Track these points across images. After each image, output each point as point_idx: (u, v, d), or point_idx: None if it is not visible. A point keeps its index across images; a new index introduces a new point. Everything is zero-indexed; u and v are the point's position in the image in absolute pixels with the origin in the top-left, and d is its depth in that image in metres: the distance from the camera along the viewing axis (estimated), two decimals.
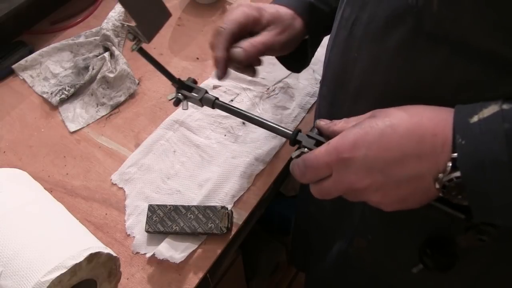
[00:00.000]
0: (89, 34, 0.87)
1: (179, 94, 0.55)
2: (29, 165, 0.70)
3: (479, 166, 0.32)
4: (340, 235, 0.63)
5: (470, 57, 0.35)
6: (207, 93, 0.54)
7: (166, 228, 0.59)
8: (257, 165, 0.67)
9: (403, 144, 0.35)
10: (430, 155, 0.34)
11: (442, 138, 0.34)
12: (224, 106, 0.53)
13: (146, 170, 0.68)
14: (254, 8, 0.53)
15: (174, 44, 0.86)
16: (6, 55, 0.83)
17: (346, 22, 0.45)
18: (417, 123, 0.35)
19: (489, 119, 0.32)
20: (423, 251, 0.47)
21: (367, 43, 0.42)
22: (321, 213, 0.66)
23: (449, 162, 0.33)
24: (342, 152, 0.38)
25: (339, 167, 0.38)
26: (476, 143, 0.32)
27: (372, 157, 0.36)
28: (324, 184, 0.41)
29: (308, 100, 0.75)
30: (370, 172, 0.37)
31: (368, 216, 0.54)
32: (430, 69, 0.38)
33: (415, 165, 0.35)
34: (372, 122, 0.37)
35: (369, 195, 0.39)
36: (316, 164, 0.40)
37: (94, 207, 0.66)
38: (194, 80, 0.56)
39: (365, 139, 0.37)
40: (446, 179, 0.34)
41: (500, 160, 0.31)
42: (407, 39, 0.38)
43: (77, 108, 0.77)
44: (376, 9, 0.40)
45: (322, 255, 0.71)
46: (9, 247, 0.48)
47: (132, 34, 0.50)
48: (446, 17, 0.34)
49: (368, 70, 0.43)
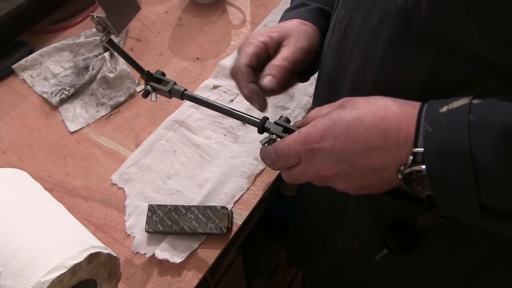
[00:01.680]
0: (89, 34, 0.87)
1: (148, 86, 0.56)
2: (29, 165, 0.70)
3: (442, 153, 0.32)
4: (335, 235, 0.63)
5: (459, 59, 0.35)
6: (175, 84, 0.55)
7: (166, 228, 0.59)
8: (257, 165, 0.67)
9: (368, 137, 0.37)
10: (393, 149, 0.36)
11: (405, 133, 0.35)
12: (193, 97, 0.54)
13: (146, 170, 0.68)
14: (259, 35, 0.52)
15: (174, 44, 0.86)
16: (6, 55, 0.83)
17: (340, 23, 0.45)
18: (383, 117, 0.36)
19: (457, 110, 0.33)
20: (386, 235, 0.49)
21: (359, 45, 0.43)
22: (316, 212, 0.67)
23: (410, 156, 0.35)
24: (311, 143, 0.40)
25: (307, 156, 0.40)
26: (441, 131, 0.33)
27: (339, 148, 0.38)
28: (294, 170, 0.43)
29: (308, 100, 0.75)
30: (337, 161, 0.39)
31: (360, 217, 0.54)
32: (418, 70, 0.38)
33: (379, 157, 0.37)
34: (341, 113, 0.39)
35: (335, 182, 0.41)
36: (288, 153, 0.42)
37: (94, 207, 0.66)
38: (162, 73, 0.57)
39: (333, 130, 0.38)
40: (407, 172, 0.35)
41: (461, 149, 0.32)
42: (395, 41, 0.38)
43: (77, 108, 0.77)
44: (370, 10, 0.40)
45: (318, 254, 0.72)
46: (9, 247, 0.48)
47: (101, 26, 0.50)
48: (434, 19, 0.35)
49: (360, 72, 0.44)
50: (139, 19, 0.91)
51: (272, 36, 0.51)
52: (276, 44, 0.52)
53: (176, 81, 0.56)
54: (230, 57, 0.81)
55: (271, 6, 0.90)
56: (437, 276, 0.52)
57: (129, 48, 0.86)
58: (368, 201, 0.51)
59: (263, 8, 0.90)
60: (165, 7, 0.93)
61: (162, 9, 0.93)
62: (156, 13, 0.92)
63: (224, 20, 0.89)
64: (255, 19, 0.88)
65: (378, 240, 0.51)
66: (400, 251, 0.48)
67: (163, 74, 0.57)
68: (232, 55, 0.82)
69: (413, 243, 0.48)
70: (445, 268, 0.50)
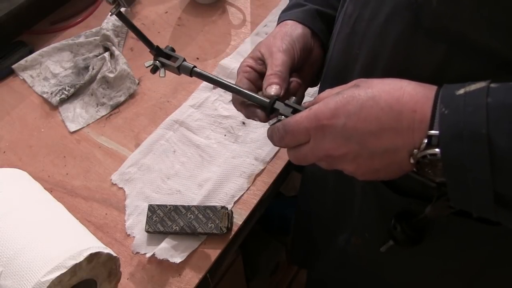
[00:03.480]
0: (89, 34, 0.87)
1: (156, 62, 0.54)
2: (29, 165, 0.70)
3: (458, 136, 0.32)
4: (340, 233, 0.63)
5: (469, 54, 0.35)
6: (185, 61, 0.54)
7: (166, 228, 0.59)
8: (257, 165, 0.67)
9: (382, 117, 0.36)
10: (406, 131, 0.35)
11: (420, 115, 0.34)
12: (202, 74, 0.53)
13: (146, 170, 0.68)
14: (244, 62, 0.52)
15: (174, 44, 0.85)
16: (6, 55, 0.83)
17: (349, 19, 0.45)
18: (398, 97, 0.35)
19: (474, 93, 0.32)
20: (393, 226, 0.48)
21: (368, 40, 0.42)
22: (322, 209, 0.66)
23: (424, 139, 0.34)
24: (322, 119, 0.38)
25: (317, 134, 0.39)
26: (458, 113, 0.32)
27: (351, 127, 0.37)
28: (301, 149, 0.41)
29: (308, 100, 0.75)
30: (347, 141, 0.38)
31: (365, 214, 0.54)
32: (428, 65, 0.38)
33: (391, 139, 0.36)
34: (355, 91, 0.38)
35: (344, 164, 0.39)
36: (297, 129, 0.40)
37: (94, 207, 0.66)
38: (172, 48, 0.56)
39: (346, 108, 0.37)
40: (420, 155, 0.34)
41: (478, 132, 0.31)
42: (406, 35, 0.38)
43: (77, 108, 0.77)
44: (379, 5, 0.40)
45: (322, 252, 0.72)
46: (9, 247, 0.48)
47: None
48: (445, 14, 0.34)
49: (368, 67, 0.43)
50: (139, 19, 0.91)
51: (253, 56, 0.52)
52: (261, 60, 0.51)
53: (176, 81, 0.55)
54: (230, 57, 0.81)
55: (271, 6, 0.90)
56: (442, 275, 0.51)
57: (129, 48, 0.86)
58: (374, 197, 0.51)
59: (263, 8, 0.90)
60: (165, 7, 0.93)
61: (162, 9, 0.92)
62: (156, 13, 0.92)
63: (224, 20, 0.89)
64: (255, 19, 0.88)
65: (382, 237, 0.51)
66: (406, 243, 0.47)
67: (173, 49, 0.56)
68: (232, 55, 0.82)
69: (419, 235, 0.47)
70: (450, 267, 0.50)
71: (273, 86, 0.48)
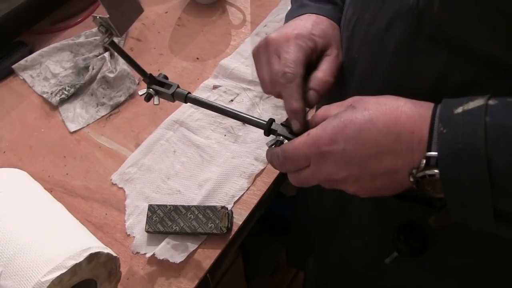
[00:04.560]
0: (89, 34, 0.87)
1: (150, 90, 0.55)
2: (29, 165, 0.70)
3: (457, 155, 0.32)
4: (339, 236, 0.63)
5: (470, 60, 0.35)
6: (179, 87, 0.54)
7: (166, 228, 0.59)
8: (257, 165, 0.67)
9: (380, 140, 0.36)
10: (406, 152, 0.35)
11: (418, 136, 0.34)
12: (197, 100, 0.53)
13: (146, 170, 0.68)
14: (306, 37, 0.46)
15: (174, 44, 0.86)
16: (6, 55, 0.83)
17: (349, 22, 0.45)
18: (395, 119, 0.35)
19: (473, 111, 0.32)
20: (396, 238, 0.48)
21: (367, 44, 0.42)
22: (320, 212, 0.66)
23: (423, 160, 0.34)
24: (321, 146, 0.38)
25: (317, 160, 0.39)
26: (457, 133, 0.32)
27: (350, 151, 0.37)
28: (302, 173, 0.42)
29: None
30: (348, 165, 0.38)
31: (365, 217, 0.54)
32: (429, 71, 0.38)
33: (391, 160, 0.36)
34: (352, 115, 0.37)
35: (346, 186, 0.40)
36: (296, 156, 0.41)
37: (94, 207, 0.65)
38: (165, 76, 0.56)
39: (344, 133, 0.37)
40: (419, 175, 0.34)
41: (477, 152, 0.31)
42: (406, 40, 0.38)
43: (77, 108, 0.77)
44: (378, 10, 0.40)
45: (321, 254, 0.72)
46: (9, 247, 0.48)
47: (104, 27, 0.50)
48: (447, 20, 0.34)
49: (367, 72, 0.43)
50: (139, 19, 0.90)
51: (317, 42, 0.47)
52: (320, 51, 0.48)
53: (176, 81, 0.55)
54: (230, 57, 0.81)
55: (271, 6, 0.90)
56: (441, 279, 0.51)
57: (129, 48, 0.86)
58: (373, 201, 0.51)
59: (263, 8, 0.90)
60: (165, 7, 0.93)
61: (162, 9, 0.92)
62: (156, 13, 0.92)
63: (224, 20, 0.89)
64: (255, 19, 0.88)
65: (382, 241, 0.51)
66: (410, 254, 0.47)
67: (166, 77, 0.56)
68: (232, 55, 0.82)
69: (423, 245, 0.47)
70: (449, 271, 0.50)
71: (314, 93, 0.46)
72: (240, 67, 0.79)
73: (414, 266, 0.52)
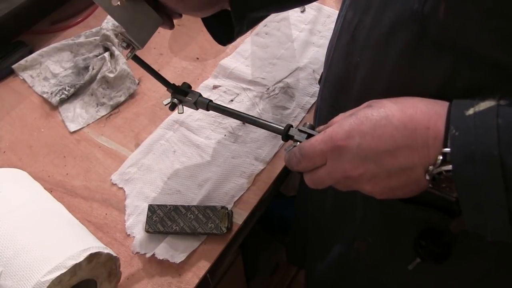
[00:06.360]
0: (89, 34, 0.87)
1: (174, 99, 0.59)
2: (29, 165, 0.70)
3: (470, 158, 0.32)
4: (341, 237, 0.62)
5: (475, 66, 0.35)
6: (201, 96, 0.58)
7: (166, 228, 0.59)
8: (257, 165, 0.67)
9: (396, 136, 0.36)
10: (421, 148, 0.35)
11: (434, 132, 0.34)
12: (219, 108, 0.56)
13: (146, 170, 0.68)
14: None
15: (174, 44, 0.86)
16: (6, 55, 0.83)
17: (349, 25, 0.45)
18: (411, 115, 0.36)
19: (484, 113, 0.32)
20: (417, 243, 0.47)
21: (369, 48, 0.42)
22: (320, 214, 0.66)
23: (439, 156, 0.34)
24: (337, 141, 0.39)
25: (333, 155, 0.39)
26: (469, 135, 0.32)
27: (366, 146, 0.37)
28: (318, 172, 0.42)
29: (308, 100, 0.75)
30: (363, 161, 0.38)
31: (369, 219, 0.54)
32: (434, 76, 0.37)
33: (407, 156, 0.36)
34: (368, 112, 0.38)
35: (362, 184, 0.39)
36: (312, 152, 0.41)
37: (94, 207, 0.66)
38: (189, 85, 0.60)
39: (360, 129, 0.37)
40: (436, 172, 0.34)
41: (490, 154, 0.31)
42: (411, 45, 0.38)
43: (77, 108, 0.77)
44: (380, 13, 0.39)
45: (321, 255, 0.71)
46: (9, 247, 0.48)
47: (125, 42, 0.51)
48: (452, 26, 0.34)
49: (371, 76, 0.43)
50: None
51: None
52: None
53: (176, 81, 0.56)
54: (230, 57, 0.81)
55: None
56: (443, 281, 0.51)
57: None
58: (377, 204, 0.50)
59: None
60: None
61: None
62: None
63: None
64: None
65: (386, 242, 0.51)
66: (432, 259, 0.47)
67: (189, 86, 0.60)
68: (232, 55, 0.82)
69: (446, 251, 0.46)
70: (453, 273, 0.49)
71: None
72: (240, 67, 0.79)
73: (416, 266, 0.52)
